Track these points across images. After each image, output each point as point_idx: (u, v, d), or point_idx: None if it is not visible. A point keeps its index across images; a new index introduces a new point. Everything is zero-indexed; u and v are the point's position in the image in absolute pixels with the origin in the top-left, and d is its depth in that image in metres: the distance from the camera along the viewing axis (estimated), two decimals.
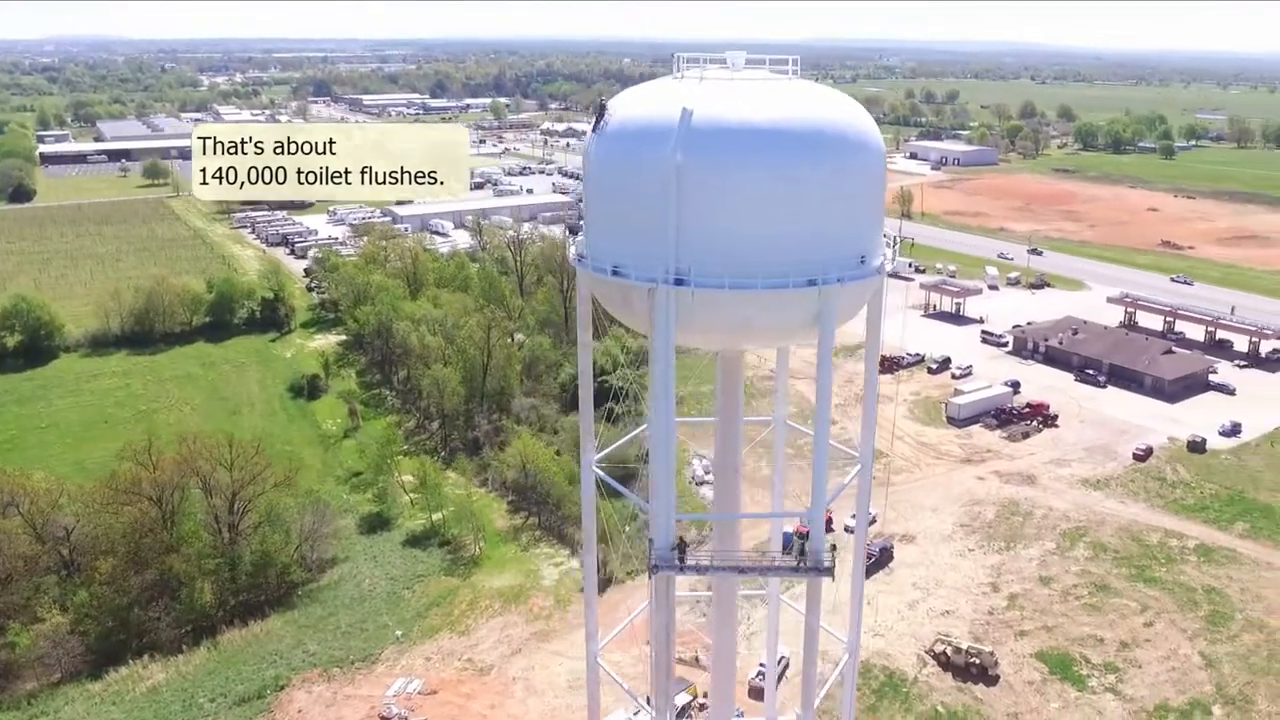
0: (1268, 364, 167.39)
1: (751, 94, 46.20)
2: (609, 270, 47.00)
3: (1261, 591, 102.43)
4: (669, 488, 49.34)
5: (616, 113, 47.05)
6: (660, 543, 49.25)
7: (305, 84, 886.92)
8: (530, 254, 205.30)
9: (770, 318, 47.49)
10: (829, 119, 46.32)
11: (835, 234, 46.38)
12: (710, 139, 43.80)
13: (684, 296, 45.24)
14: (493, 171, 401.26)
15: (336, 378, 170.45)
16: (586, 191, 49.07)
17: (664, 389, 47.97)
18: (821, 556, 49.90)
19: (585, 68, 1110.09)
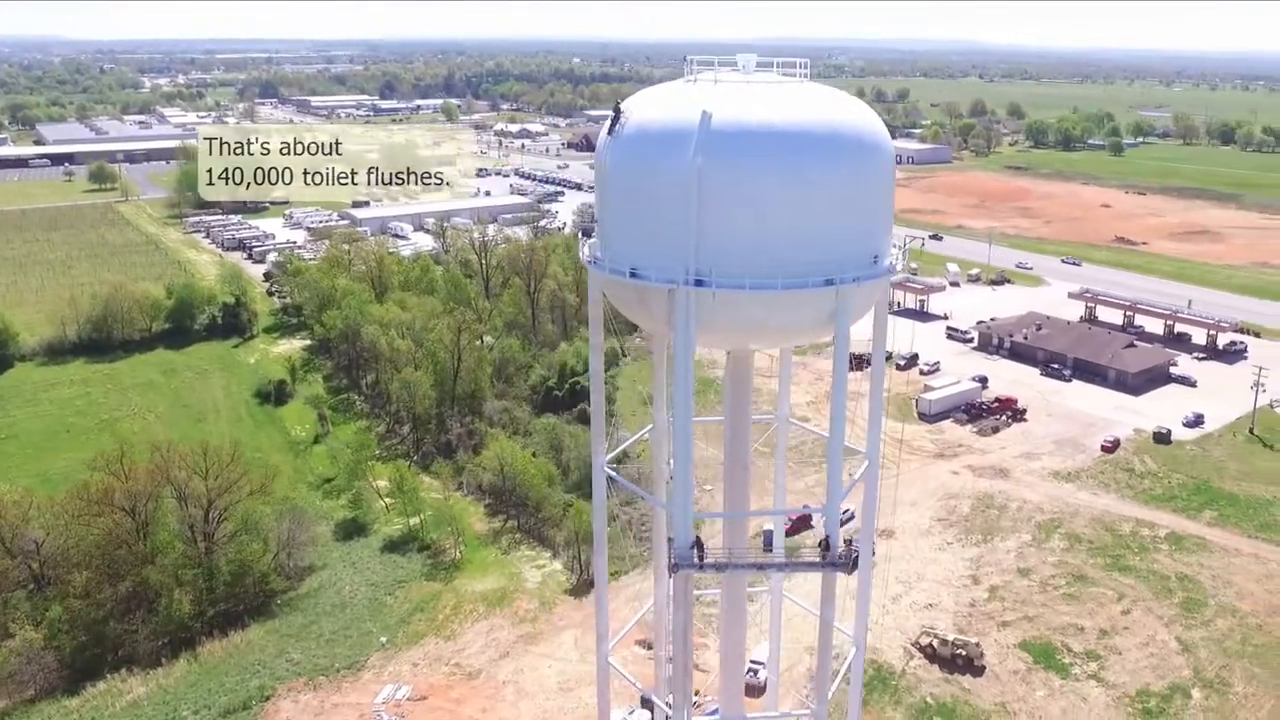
0: (1226, 356, 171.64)
1: (767, 97, 46.59)
2: (627, 272, 47.11)
3: (1232, 578, 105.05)
4: (688, 487, 49.55)
5: (632, 116, 47.12)
6: (680, 542, 49.41)
7: (251, 85, 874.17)
8: (495, 256, 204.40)
9: (787, 318, 48.08)
10: (844, 121, 46.92)
11: (850, 234, 47.10)
12: (730, 142, 44.15)
13: (704, 297, 45.57)
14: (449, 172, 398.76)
15: (303, 383, 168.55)
16: (601, 194, 49.07)
17: (684, 390, 48.19)
18: (840, 551, 50.57)
19: (535, 68, 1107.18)
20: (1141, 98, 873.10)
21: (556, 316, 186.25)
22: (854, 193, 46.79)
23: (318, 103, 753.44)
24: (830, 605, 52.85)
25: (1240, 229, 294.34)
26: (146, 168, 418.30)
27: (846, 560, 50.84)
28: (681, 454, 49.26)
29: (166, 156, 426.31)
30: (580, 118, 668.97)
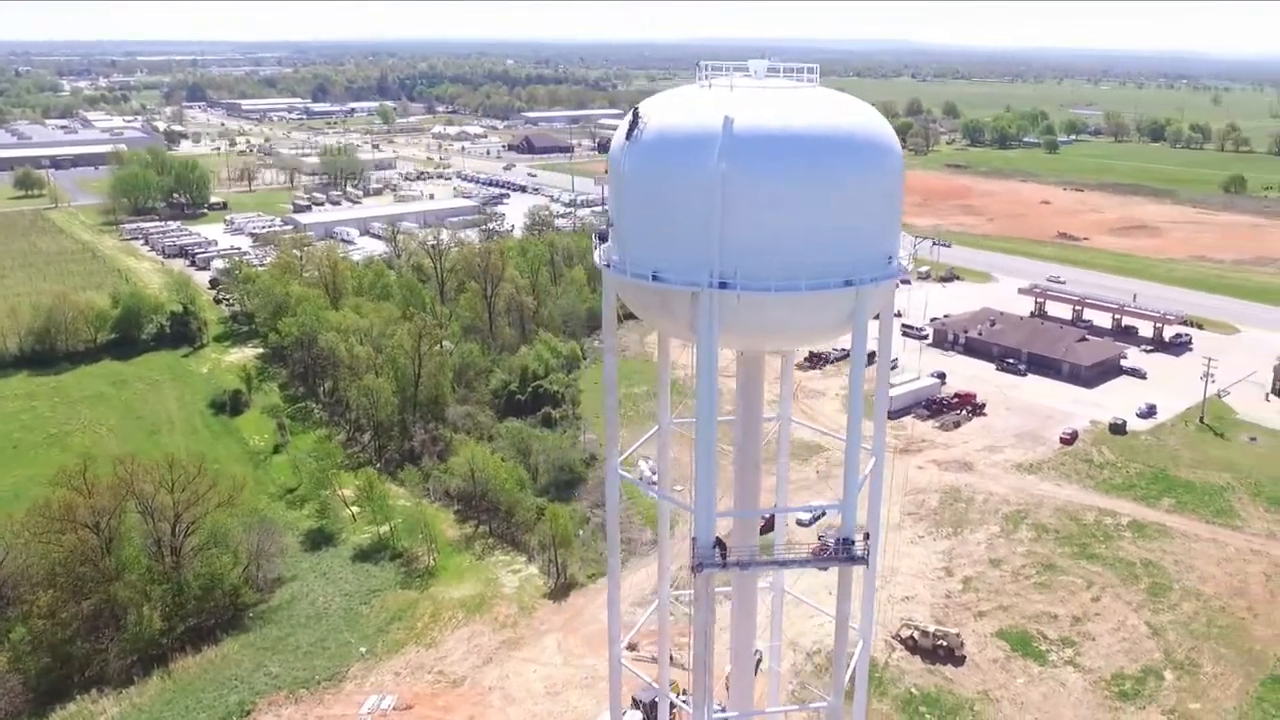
0: (1172, 348, 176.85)
1: (783, 102, 47.14)
2: (649, 276, 47.18)
3: (1193, 562, 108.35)
4: (710, 488, 49.73)
5: (650, 121, 47.24)
6: (703, 542, 49.69)
7: (177, 88, 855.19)
8: (449, 260, 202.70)
9: (807, 318, 48.68)
10: (859, 125, 47.67)
11: (867, 235, 47.88)
12: (753, 147, 44.58)
13: (728, 300, 45.89)
14: (390, 176, 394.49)
15: (259, 392, 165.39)
16: (619, 199, 49.04)
17: (707, 391, 48.42)
18: (856, 547, 51.29)
19: (469, 69, 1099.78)
20: (1071, 96, 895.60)
21: (514, 320, 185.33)
22: (869, 195, 47.59)
23: (248, 106, 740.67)
24: (846, 599, 53.58)
25: (1176, 223, 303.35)
26: (75, 173, 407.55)
27: (865, 555, 51.60)
28: (704, 455, 49.47)
29: (96, 162, 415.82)
30: (518, 119, 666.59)
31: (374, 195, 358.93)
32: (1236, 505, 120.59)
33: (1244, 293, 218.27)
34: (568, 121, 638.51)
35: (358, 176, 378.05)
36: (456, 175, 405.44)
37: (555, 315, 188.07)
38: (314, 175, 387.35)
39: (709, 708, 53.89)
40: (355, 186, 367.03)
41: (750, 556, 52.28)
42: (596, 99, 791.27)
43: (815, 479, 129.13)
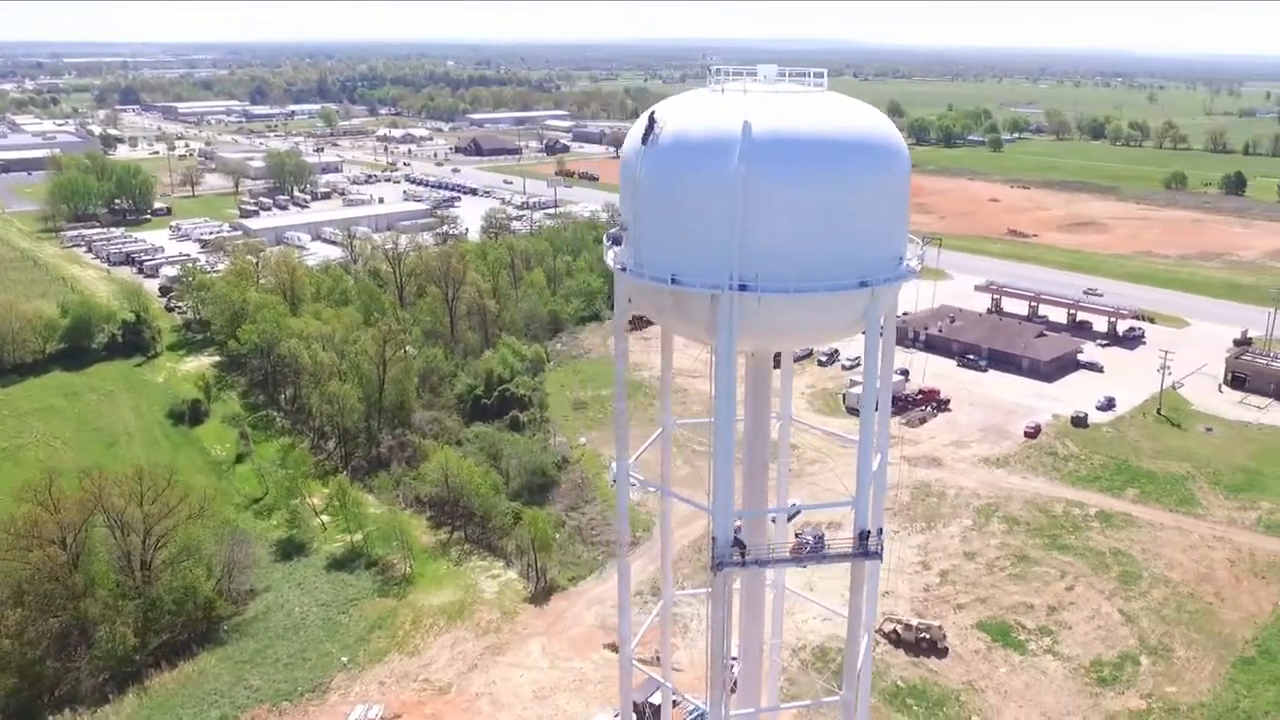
0: (1126, 342, 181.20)
1: (797, 106, 47.71)
2: (668, 279, 47.38)
3: (1160, 550, 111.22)
4: (729, 487, 50.12)
5: (667, 125, 47.45)
6: (722, 541, 50.04)
7: (109, 91, 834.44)
8: (407, 264, 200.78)
9: (823, 319, 49.45)
10: (871, 128, 48.50)
11: (879, 237, 48.73)
12: (772, 150, 45.08)
13: (748, 302, 46.30)
14: (338, 180, 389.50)
15: (218, 401, 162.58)
16: (634, 202, 49.06)
17: (726, 392, 48.70)
18: (870, 543, 52.06)
19: (410, 71, 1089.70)
20: (1011, 94, 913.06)
21: (476, 324, 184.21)
22: (881, 197, 48.41)
23: (185, 109, 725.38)
24: (859, 593, 54.71)
25: (1121, 219, 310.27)
26: (7, 179, 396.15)
27: (879, 550, 52.41)
28: (722, 456, 49.75)
29: (29, 167, 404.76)
30: (463, 121, 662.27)
31: (322, 199, 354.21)
32: (1198, 494, 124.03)
33: (1190, 287, 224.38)
34: (513, 123, 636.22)
35: (305, 180, 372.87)
36: (405, 178, 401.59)
37: (517, 318, 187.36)
38: (259, 179, 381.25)
39: (726, 706, 54.23)
40: (302, 191, 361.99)
41: (768, 555, 52.73)
42: (541, 100, 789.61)
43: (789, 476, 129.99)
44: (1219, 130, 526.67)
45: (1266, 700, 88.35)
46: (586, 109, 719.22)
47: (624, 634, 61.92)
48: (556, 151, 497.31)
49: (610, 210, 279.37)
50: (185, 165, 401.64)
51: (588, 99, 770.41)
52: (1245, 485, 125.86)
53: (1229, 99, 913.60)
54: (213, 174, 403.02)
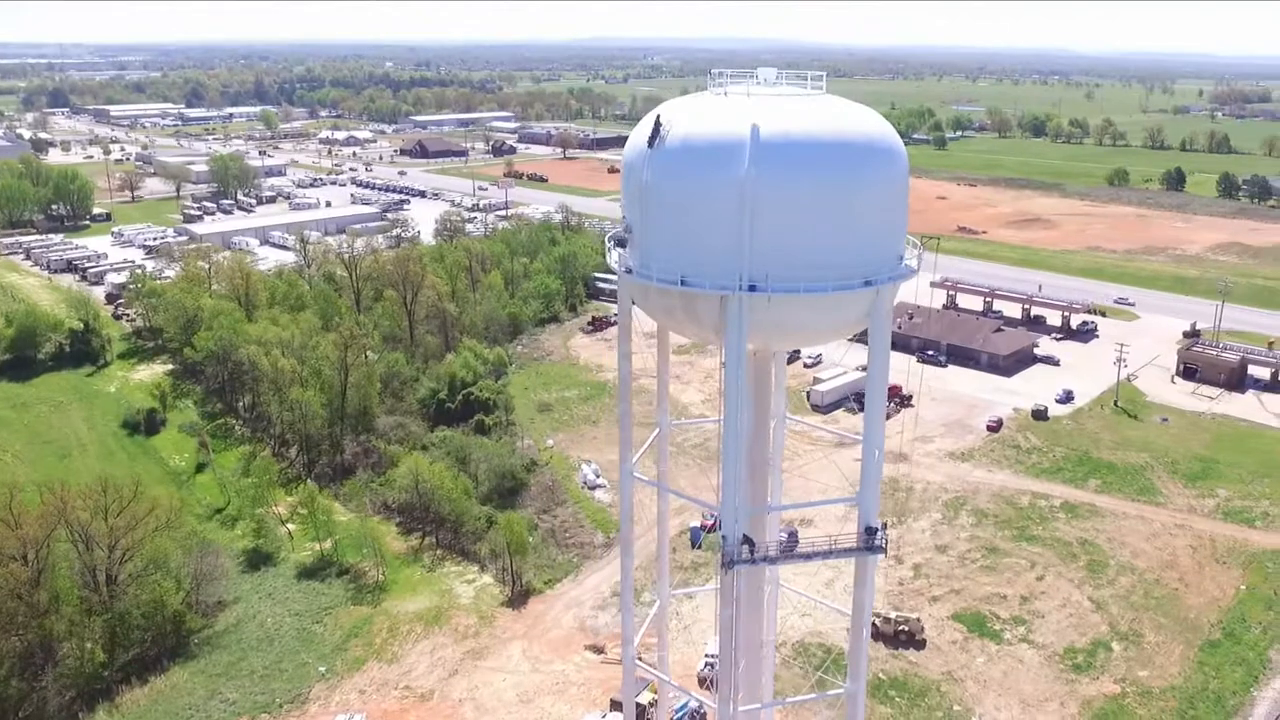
0: (1080, 335, 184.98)
1: (802, 109, 48.21)
2: (677, 281, 47.53)
3: (1125, 539, 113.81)
4: (738, 487, 50.38)
5: (673, 129, 47.57)
6: (732, 539, 50.35)
7: (36, 93, 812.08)
8: (363, 268, 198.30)
9: (828, 318, 50.02)
10: (873, 130, 49.21)
11: (882, 236, 49.52)
12: (779, 153, 45.50)
13: (757, 302, 46.63)
14: (283, 183, 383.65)
15: (174, 410, 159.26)
16: (640, 205, 49.01)
17: (734, 391, 49.07)
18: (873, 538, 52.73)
19: (349, 73, 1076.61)
20: (952, 93, 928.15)
21: (435, 327, 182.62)
22: (884, 197, 49.17)
23: (118, 112, 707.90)
24: (864, 587, 55.45)
25: (1067, 216, 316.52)
26: None
27: (884, 545, 53.14)
28: (731, 454, 50.07)
29: None
30: (406, 123, 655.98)
31: (267, 203, 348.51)
32: (1157, 483, 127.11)
33: (1138, 280, 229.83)
34: (457, 125, 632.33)
35: (249, 184, 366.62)
36: (351, 181, 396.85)
37: (477, 321, 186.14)
38: (202, 184, 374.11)
39: (735, 703, 54.50)
40: (247, 195, 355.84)
41: (776, 552, 53.10)
42: (485, 102, 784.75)
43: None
44: (1156, 127, 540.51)
45: (1234, 681, 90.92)
46: (531, 110, 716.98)
47: (627, 634, 61.87)
48: (503, 153, 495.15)
49: (563, 211, 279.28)
50: (123, 170, 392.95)
51: (532, 100, 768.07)
52: (1202, 474, 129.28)
53: (1163, 96, 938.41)
54: (152, 178, 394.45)
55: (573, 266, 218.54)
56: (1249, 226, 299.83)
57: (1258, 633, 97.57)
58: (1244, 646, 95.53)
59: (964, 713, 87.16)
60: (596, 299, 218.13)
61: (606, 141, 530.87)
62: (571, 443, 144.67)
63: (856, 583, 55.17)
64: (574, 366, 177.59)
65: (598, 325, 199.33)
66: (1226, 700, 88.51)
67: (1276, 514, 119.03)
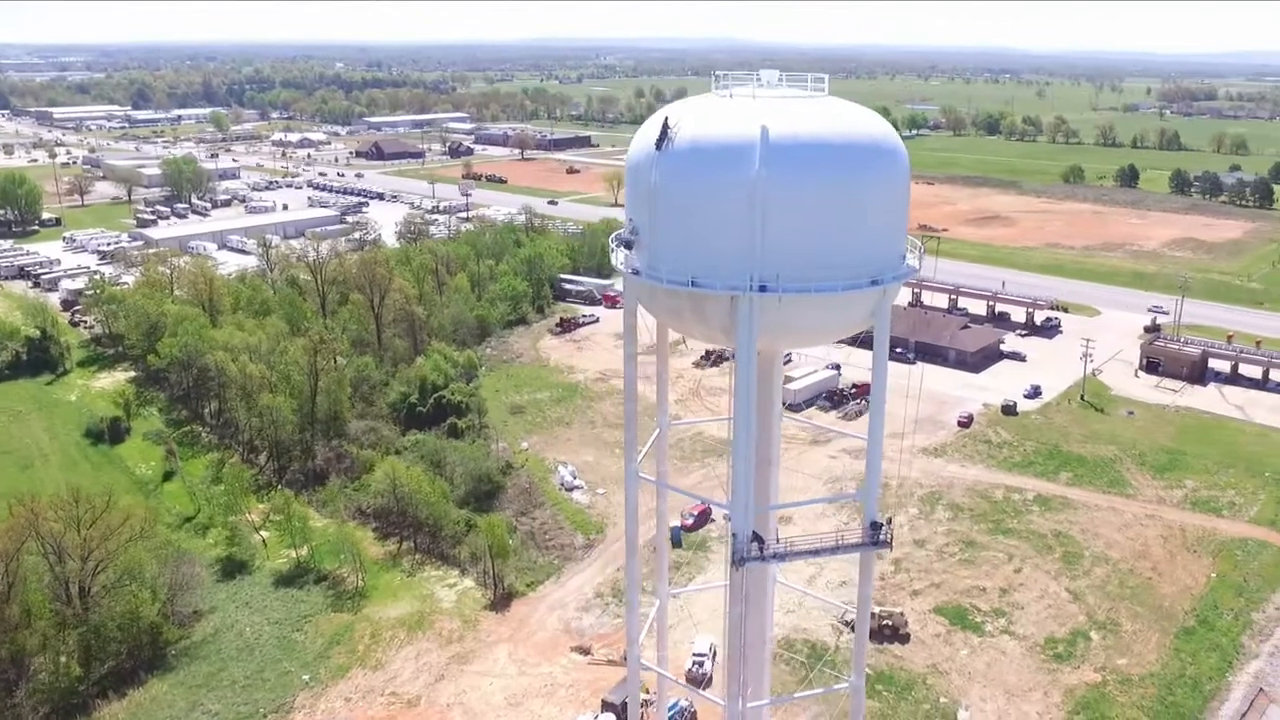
0: (1044, 331, 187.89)
1: (807, 111, 48.71)
2: (688, 282, 47.71)
3: (1098, 530, 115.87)
4: (748, 485, 50.79)
5: (681, 131, 47.70)
6: (742, 537, 50.73)
7: None
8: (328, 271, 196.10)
9: (836, 317, 50.72)
10: (877, 131, 50.03)
11: (886, 236, 50.27)
12: (789, 154, 45.98)
13: (768, 302, 46.97)
14: (237, 186, 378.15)
15: (138, 418, 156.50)
16: (649, 207, 49.02)
17: (745, 390, 49.28)
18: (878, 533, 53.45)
19: (299, 73, 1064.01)
20: (904, 91, 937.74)
21: (402, 331, 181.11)
22: (888, 198, 49.92)
23: (61, 114, 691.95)
24: (868, 582, 56.17)
25: (1025, 213, 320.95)
26: None
27: (889, 540, 53.86)
28: (742, 453, 50.38)
29: None
30: (360, 125, 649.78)
31: (223, 207, 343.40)
32: (1126, 475, 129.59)
33: (1097, 276, 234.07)
34: (412, 126, 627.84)
35: (203, 188, 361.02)
36: (308, 184, 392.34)
37: (445, 324, 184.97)
38: (154, 187, 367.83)
39: (745, 699, 54.80)
40: (201, 198, 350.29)
41: (785, 549, 53.53)
42: (439, 102, 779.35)
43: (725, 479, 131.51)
44: (1108, 125, 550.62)
45: (1209, 666, 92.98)
46: (486, 111, 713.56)
47: (632, 634, 61.85)
48: (460, 154, 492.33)
49: (526, 213, 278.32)
50: (71, 173, 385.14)
51: (487, 101, 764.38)
52: (1169, 465, 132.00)
53: (1112, 95, 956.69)
54: (102, 182, 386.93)
55: (539, 268, 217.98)
56: (1202, 222, 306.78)
57: (1230, 619, 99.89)
58: (1217, 633, 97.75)
59: (951, 704, 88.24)
60: (563, 300, 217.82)
61: (564, 142, 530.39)
62: (546, 445, 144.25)
63: (862, 577, 55.85)
64: (544, 368, 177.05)
65: (566, 327, 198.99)
66: (1203, 686, 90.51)
67: (1242, 503, 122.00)
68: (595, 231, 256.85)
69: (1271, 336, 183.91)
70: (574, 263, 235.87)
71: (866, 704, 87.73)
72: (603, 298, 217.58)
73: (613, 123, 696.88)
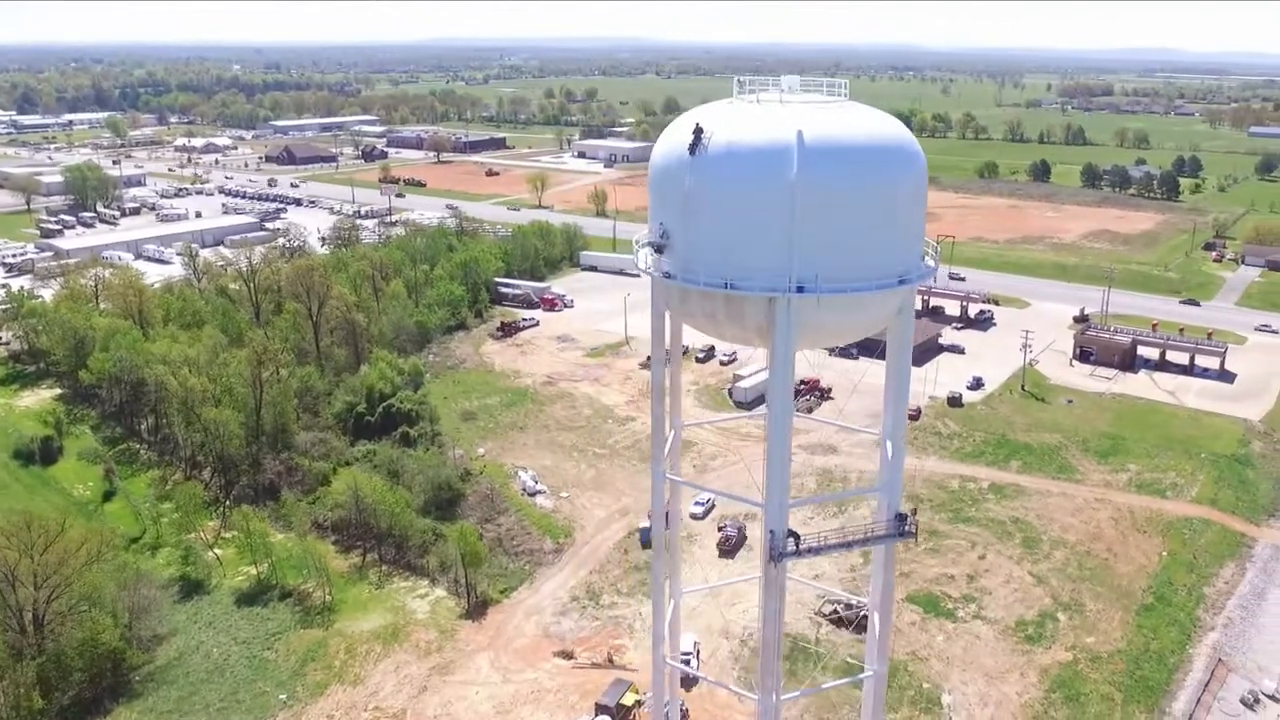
0: (979, 324, 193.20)
1: (834, 116, 49.79)
2: (723, 285, 48.34)
3: (1052, 515, 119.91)
4: (784, 482, 51.77)
5: (714, 137, 48.23)
6: (778, 533, 51.71)
7: None
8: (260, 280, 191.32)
9: (866, 316, 52.22)
10: (899, 135, 51.54)
11: (910, 235, 51.78)
12: (823, 158, 47.15)
13: (805, 303, 47.94)
14: (146, 195, 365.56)
15: (70, 437, 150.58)
16: (683, 211, 49.43)
17: (782, 391, 50.23)
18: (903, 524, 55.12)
19: (194, 76, 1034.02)
20: None
21: (342, 339, 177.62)
22: (912, 198, 51.56)
23: None
24: (889, 571, 58.48)
25: (946, 208, 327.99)
26: None
27: (914, 530, 55.59)
28: (777, 452, 51.41)
29: None
30: (266, 129, 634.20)
31: (131, 215, 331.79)
32: (1072, 461, 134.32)
33: (1021, 269, 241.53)
34: (320, 130, 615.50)
35: (109, 196, 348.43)
36: (219, 190, 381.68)
37: (386, 331, 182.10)
38: (55, 195, 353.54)
39: (778, 694, 55.68)
40: (108, 206, 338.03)
41: (819, 543, 54.66)
42: (347, 105, 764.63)
43: (693, 473, 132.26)
44: (1015, 121, 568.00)
45: (1171, 640, 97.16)
46: (396, 114, 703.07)
47: (657, 633, 62.27)
48: (374, 158, 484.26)
49: (456, 216, 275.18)
50: None
51: (395, 103, 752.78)
52: (1111, 450, 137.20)
53: (1014, 91, 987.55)
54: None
55: (475, 272, 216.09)
56: (1115, 215, 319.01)
57: (1184, 595, 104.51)
58: (1174, 608, 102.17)
59: (934, 689, 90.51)
60: (500, 304, 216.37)
61: (479, 144, 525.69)
62: (503, 450, 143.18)
63: (884, 567, 58.11)
64: (491, 373, 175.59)
65: (507, 331, 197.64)
66: (1167, 659, 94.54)
67: (1184, 484, 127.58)
68: (526, 234, 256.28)
69: (1193, 324, 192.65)
70: (508, 266, 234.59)
71: (854, 694, 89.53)
72: (540, 300, 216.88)
73: (525, 123, 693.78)
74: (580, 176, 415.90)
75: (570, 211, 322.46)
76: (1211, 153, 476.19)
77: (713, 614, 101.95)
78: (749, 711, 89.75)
